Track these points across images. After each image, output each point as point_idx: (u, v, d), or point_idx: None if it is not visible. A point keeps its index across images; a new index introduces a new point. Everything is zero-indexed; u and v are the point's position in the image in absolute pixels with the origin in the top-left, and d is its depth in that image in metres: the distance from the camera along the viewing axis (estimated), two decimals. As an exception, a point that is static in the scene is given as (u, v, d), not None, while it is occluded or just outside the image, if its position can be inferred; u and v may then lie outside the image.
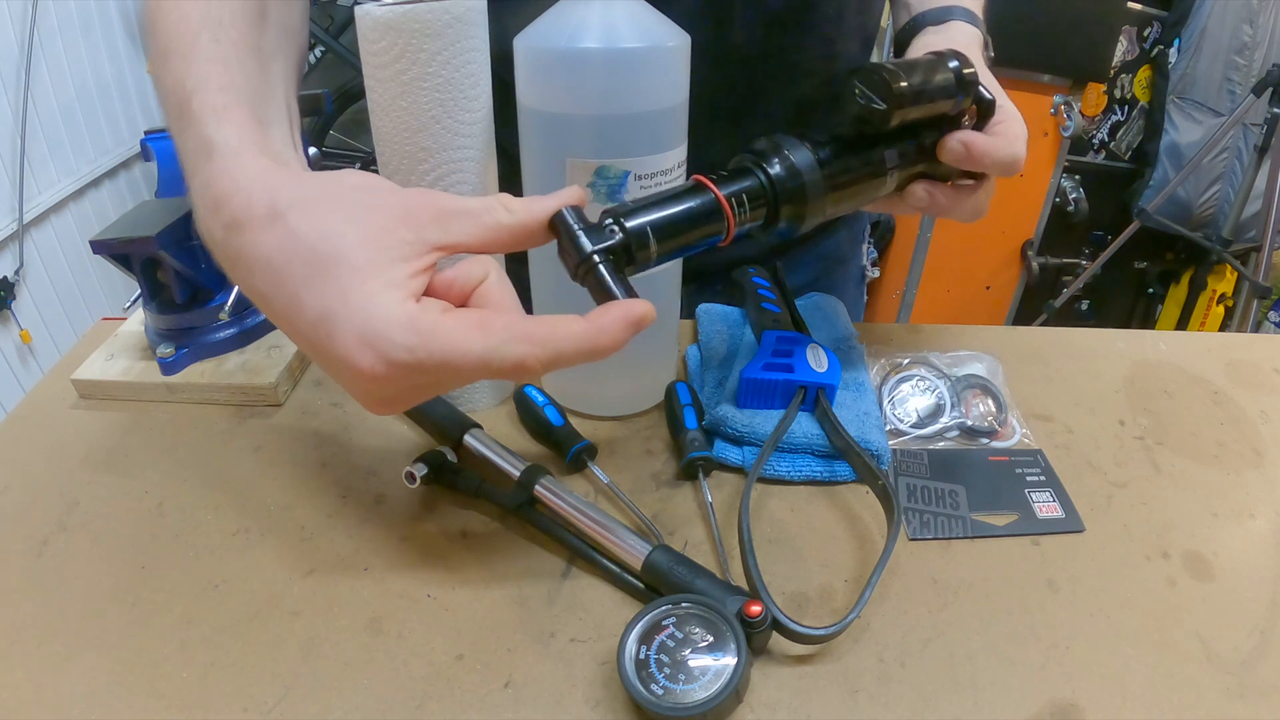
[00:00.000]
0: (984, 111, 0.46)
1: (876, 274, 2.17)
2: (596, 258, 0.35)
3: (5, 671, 0.39)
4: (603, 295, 0.34)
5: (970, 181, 0.49)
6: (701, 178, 0.40)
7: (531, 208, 0.34)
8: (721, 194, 0.39)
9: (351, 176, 0.34)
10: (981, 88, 0.45)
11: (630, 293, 0.34)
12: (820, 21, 0.62)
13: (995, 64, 0.52)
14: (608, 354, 0.32)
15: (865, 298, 0.89)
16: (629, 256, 0.37)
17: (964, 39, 0.52)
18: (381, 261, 0.31)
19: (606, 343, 0.32)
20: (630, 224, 0.36)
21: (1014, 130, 0.46)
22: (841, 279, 0.80)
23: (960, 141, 0.45)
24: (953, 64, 0.44)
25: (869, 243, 0.92)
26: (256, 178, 0.33)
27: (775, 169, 0.42)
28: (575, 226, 0.35)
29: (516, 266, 0.49)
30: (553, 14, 0.44)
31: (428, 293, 0.33)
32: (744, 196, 0.40)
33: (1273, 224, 1.71)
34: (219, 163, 0.34)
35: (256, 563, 0.44)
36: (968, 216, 0.48)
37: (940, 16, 0.55)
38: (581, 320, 0.32)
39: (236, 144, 0.35)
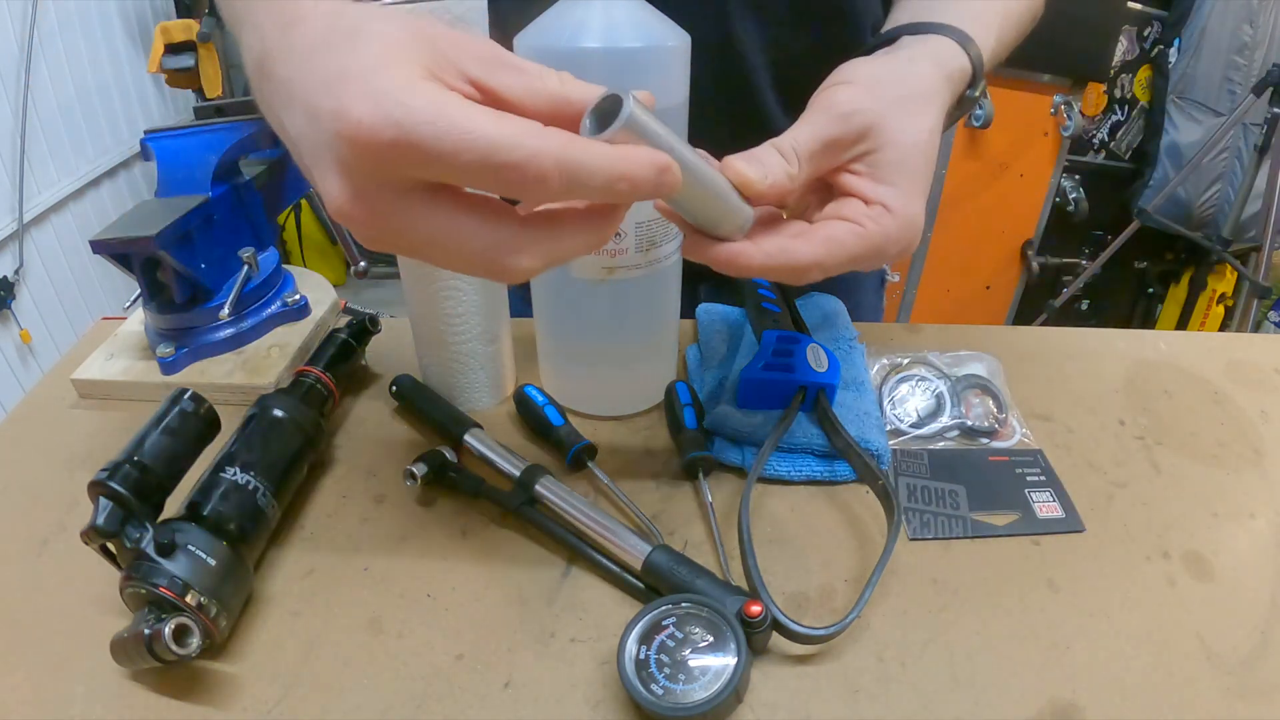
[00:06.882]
0: None
1: (896, 279, 2.13)
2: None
3: (5, 671, 0.39)
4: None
5: None
6: None
7: (585, 91, 0.31)
8: None
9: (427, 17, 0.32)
10: None
11: None
12: (819, 21, 0.62)
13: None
14: (626, 195, 0.29)
15: (884, 304, 0.85)
16: None
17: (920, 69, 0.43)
18: (415, 55, 0.29)
19: (629, 171, 0.29)
20: None
21: None
22: (856, 284, 0.77)
23: None
24: None
25: None
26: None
27: None
28: None
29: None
30: (553, 14, 0.44)
31: None
32: None
33: (1273, 224, 1.71)
34: None
35: (256, 563, 0.44)
36: None
37: (918, 30, 0.45)
38: (610, 146, 0.29)
39: None
